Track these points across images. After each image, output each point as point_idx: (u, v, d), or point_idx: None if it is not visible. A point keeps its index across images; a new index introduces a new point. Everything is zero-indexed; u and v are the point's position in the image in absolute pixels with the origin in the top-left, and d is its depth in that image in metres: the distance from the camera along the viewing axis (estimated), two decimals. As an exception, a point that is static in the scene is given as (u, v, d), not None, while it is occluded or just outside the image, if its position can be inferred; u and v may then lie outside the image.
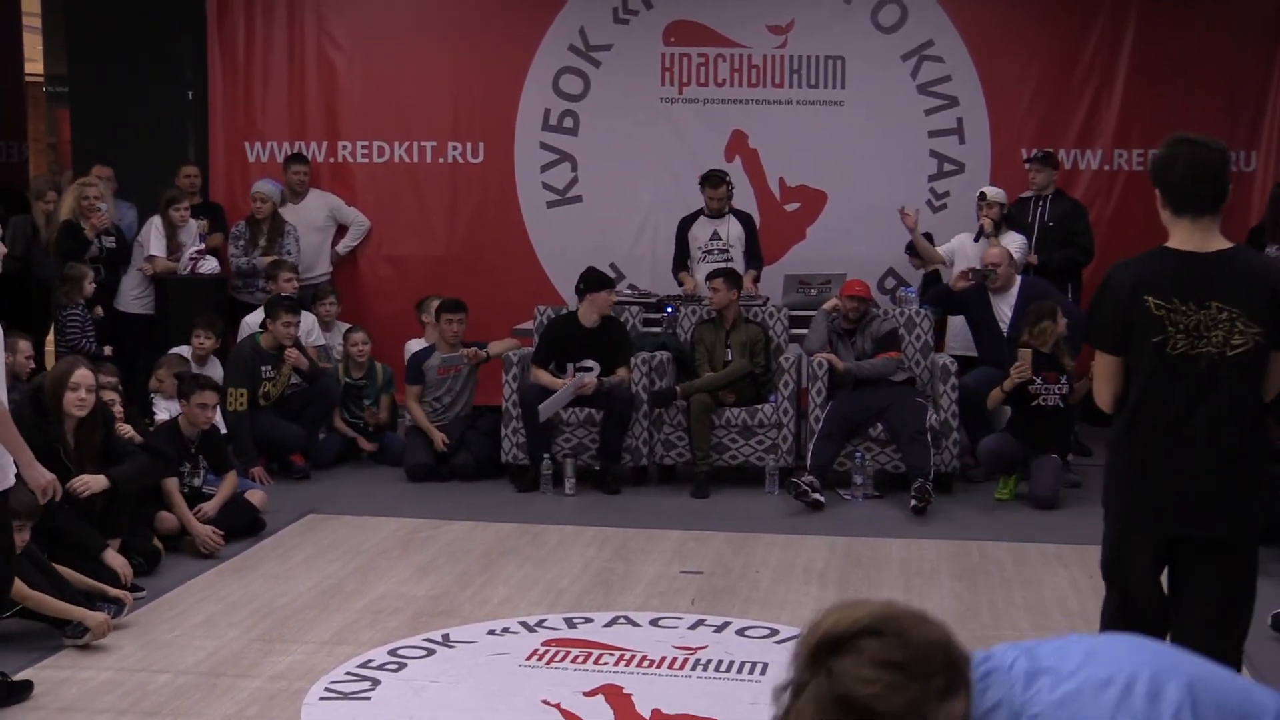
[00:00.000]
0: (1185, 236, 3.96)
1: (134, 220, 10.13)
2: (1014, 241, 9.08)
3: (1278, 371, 3.97)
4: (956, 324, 9.27)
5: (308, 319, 9.43)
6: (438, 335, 9.09)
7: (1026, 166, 9.59)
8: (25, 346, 7.89)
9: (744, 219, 9.62)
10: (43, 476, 5.09)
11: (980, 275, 8.75)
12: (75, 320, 8.89)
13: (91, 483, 6.20)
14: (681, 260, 9.66)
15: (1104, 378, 4.09)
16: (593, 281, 8.68)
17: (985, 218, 9.18)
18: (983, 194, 9.28)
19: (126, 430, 7.07)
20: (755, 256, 9.57)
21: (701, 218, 9.59)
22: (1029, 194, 9.52)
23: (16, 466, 5.01)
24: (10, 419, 4.87)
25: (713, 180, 9.50)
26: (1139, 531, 4.07)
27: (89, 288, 8.98)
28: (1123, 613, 4.19)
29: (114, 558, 6.16)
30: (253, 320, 9.32)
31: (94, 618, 5.59)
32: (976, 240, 9.24)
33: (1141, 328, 3.94)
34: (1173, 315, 3.90)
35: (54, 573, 5.73)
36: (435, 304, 9.23)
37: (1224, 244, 3.96)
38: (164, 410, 8.20)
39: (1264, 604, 5.86)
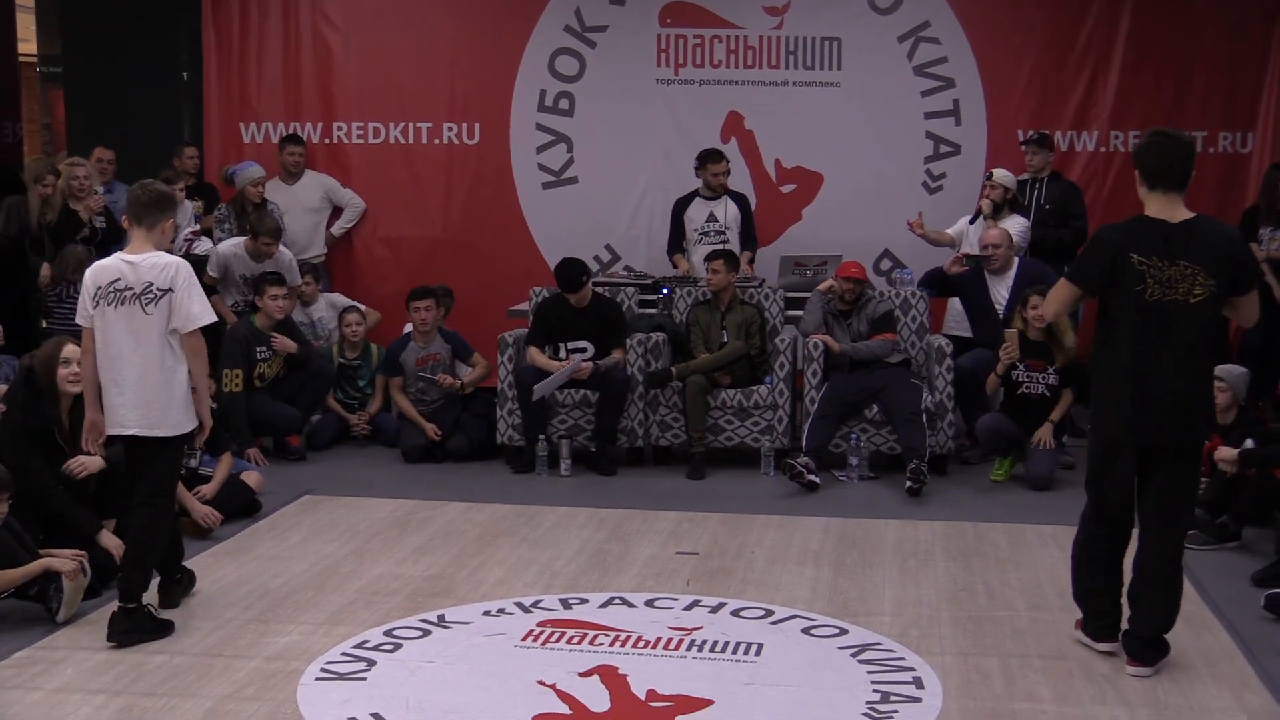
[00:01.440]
0: (1159, 208, 5.06)
1: (130, 203, 10.09)
2: (1015, 224, 9.07)
3: (1248, 307, 5.15)
4: (955, 305, 9.27)
5: (284, 255, 9.33)
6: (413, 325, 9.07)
7: (1023, 148, 9.58)
8: None
9: (740, 200, 9.61)
10: (208, 415, 5.68)
11: (974, 260, 8.76)
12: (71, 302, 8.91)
13: (88, 463, 6.18)
14: (677, 242, 9.65)
15: (1061, 301, 5.31)
16: (560, 284, 8.64)
17: (985, 198, 9.17)
18: (990, 173, 9.26)
19: None
20: (750, 238, 9.57)
21: (697, 199, 9.58)
22: (1025, 176, 9.51)
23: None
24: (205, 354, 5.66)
25: (714, 156, 9.49)
26: (1125, 440, 5.10)
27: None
28: (1097, 511, 5.26)
29: (109, 538, 6.15)
30: (225, 249, 9.23)
31: (61, 562, 5.60)
32: (972, 222, 9.25)
33: (1126, 278, 5.00)
34: (1151, 269, 4.98)
35: (33, 548, 5.72)
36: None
37: (1188, 214, 5.06)
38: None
39: (1258, 587, 5.93)
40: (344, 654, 5.33)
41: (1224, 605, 5.93)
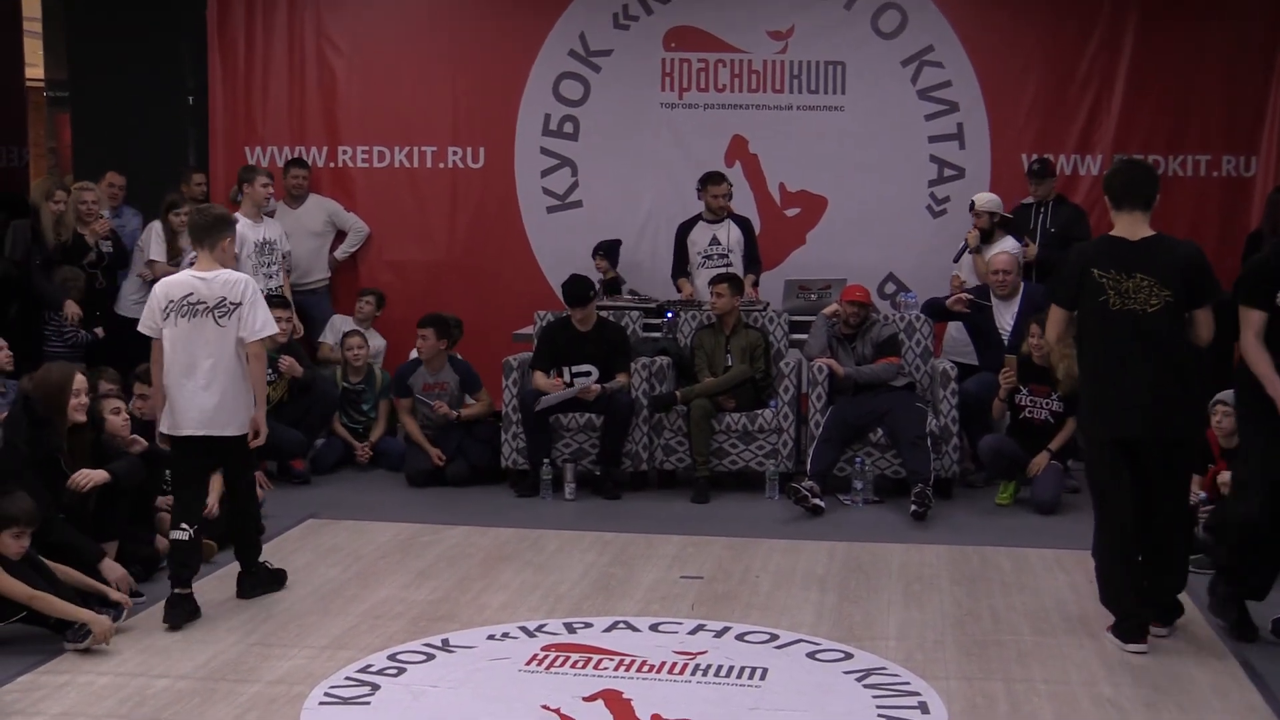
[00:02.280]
0: (1122, 227, 5.58)
1: (138, 227, 10.12)
2: (1008, 247, 9.05)
3: (1203, 324, 5.53)
4: (951, 334, 9.26)
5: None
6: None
7: (1028, 179, 9.59)
8: (1, 342, 7.98)
9: (743, 224, 9.62)
10: (263, 421, 6.24)
11: (975, 304, 8.75)
12: (55, 324, 9.03)
13: (93, 476, 6.19)
14: (680, 266, 9.66)
15: (1053, 322, 5.81)
16: (566, 298, 8.67)
17: (973, 229, 9.19)
18: (972, 203, 9.27)
19: (139, 444, 6.88)
20: (754, 261, 9.57)
21: (700, 223, 9.59)
22: (1030, 200, 9.52)
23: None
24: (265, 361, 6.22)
25: (715, 177, 9.51)
26: (1104, 435, 5.55)
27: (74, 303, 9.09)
28: (1100, 509, 5.61)
29: (111, 566, 6.13)
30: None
31: (100, 621, 5.59)
32: (956, 260, 9.27)
33: (1089, 291, 5.53)
34: (1110, 282, 5.48)
35: (54, 578, 5.72)
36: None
37: (1149, 232, 5.57)
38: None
39: (1265, 609, 5.91)
40: (347, 678, 5.32)
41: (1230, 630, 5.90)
